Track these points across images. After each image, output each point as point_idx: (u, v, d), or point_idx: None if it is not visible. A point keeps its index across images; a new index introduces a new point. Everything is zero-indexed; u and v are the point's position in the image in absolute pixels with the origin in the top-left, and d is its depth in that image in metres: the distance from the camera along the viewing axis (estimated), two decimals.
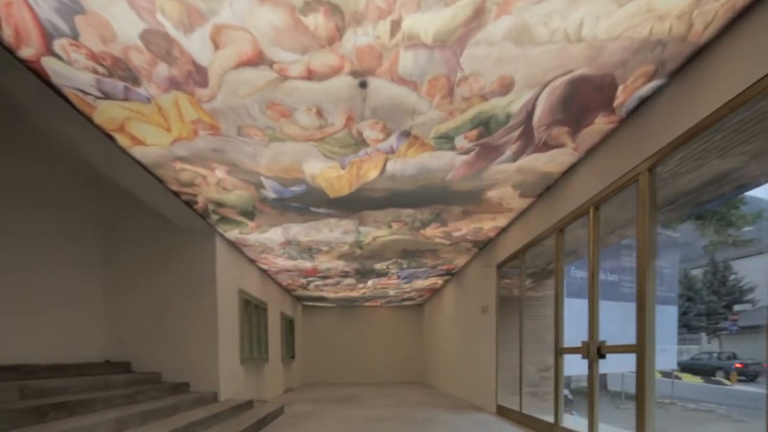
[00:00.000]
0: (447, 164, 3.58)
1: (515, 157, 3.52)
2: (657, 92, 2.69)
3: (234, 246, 6.15)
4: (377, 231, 5.50)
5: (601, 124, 3.05)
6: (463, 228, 5.44)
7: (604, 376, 11.53)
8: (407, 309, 13.87)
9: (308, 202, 4.44)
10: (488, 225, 5.35)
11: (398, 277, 8.74)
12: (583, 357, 3.60)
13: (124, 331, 5.49)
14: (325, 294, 11.03)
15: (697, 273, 27.89)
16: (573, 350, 3.87)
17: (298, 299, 12.04)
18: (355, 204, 4.49)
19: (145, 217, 5.42)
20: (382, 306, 13.72)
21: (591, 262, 3.54)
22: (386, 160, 3.51)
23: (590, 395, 3.53)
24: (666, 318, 10.38)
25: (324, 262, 7.23)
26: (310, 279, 8.79)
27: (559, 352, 4.16)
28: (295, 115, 2.83)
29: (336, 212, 4.73)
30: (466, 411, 6.47)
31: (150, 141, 3.20)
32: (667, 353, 9.83)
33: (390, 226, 5.27)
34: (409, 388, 10.83)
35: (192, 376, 5.51)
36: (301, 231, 5.43)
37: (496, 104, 2.77)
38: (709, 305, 25.30)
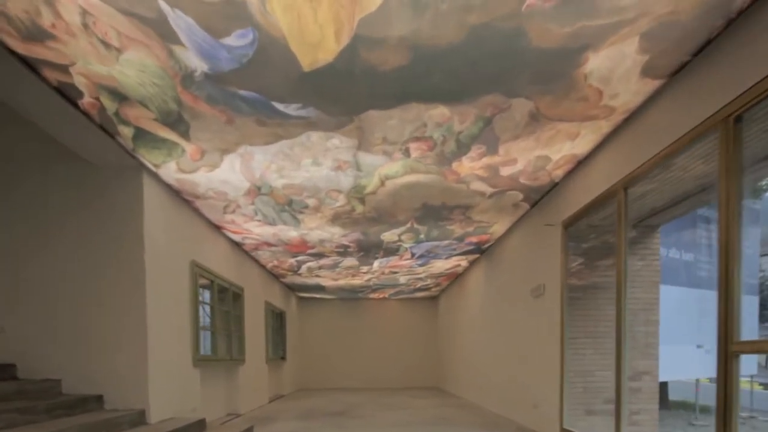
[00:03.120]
0: None
1: None
2: None
3: (180, 198, 4.28)
4: (387, 165, 3.59)
5: None
6: (521, 159, 3.51)
7: (663, 384, 9.49)
8: (420, 302, 11.93)
9: (267, 87, 2.54)
10: (561, 152, 3.42)
11: (412, 255, 6.82)
12: None
13: (6, 318, 3.65)
14: (322, 282, 9.14)
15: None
16: None
17: (291, 289, 10.17)
18: (350, 92, 2.59)
19: (36, 148, 3.58)
20: (390, 298, 11.81)
21: None
22: None
23: None
24: (744, 310, 8.38)
25: (314, 229, 5.34)
26: (299, 258, 6.90)
27: (733, 352, 2.20)
28: None
29: (319, 114, 2.83)
30: None
31: None
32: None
33: (407, 152, 3.36)
34: (424, 397, 8.90)
35: (108, 387, 3.64)
36: (271, 163, 3.53)
37: None
38: None
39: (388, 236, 5.68)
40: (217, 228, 5.31)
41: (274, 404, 7.67)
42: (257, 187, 4.02)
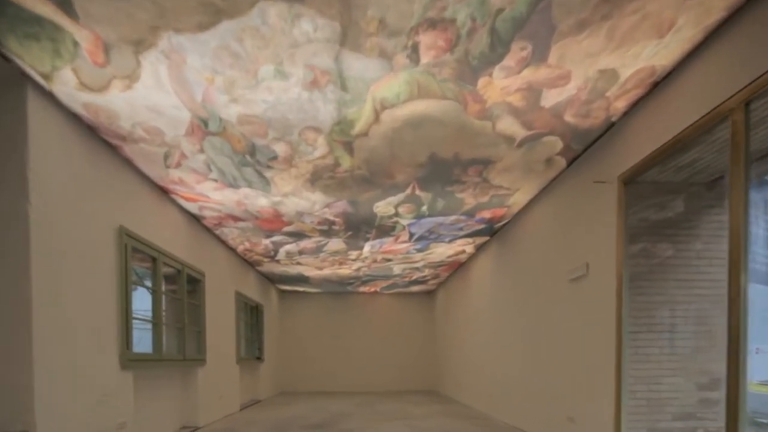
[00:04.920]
0: None
1: None
2: None
3: (100, 139, 3.12)
4: (385, 80, 2.49)
5: None
6: (576, 73, 2.45)
7: None
8: (415, 297, 10.87)
9: None
10: (637, 63, 2.36)
11: (410, 236, 5.75)
12: None
13: None
14: (305, 271, 8.01)
15: None
16: None
17: (270, 280, 9.02)
18: None
19: None
20: (381, 292, 10.71)
21: None
22: None
23: None
24: None
25: (288, 195, 4.22)
26: (275, 238, 5.77)
27: None
28: None
29: None
30: None
31: None
32: None
33: (415, 51, 2.26)
34: (422, 403, 7.82)
35: None
36: (214, 73, 2.42)
37: None
38: None
39: (383, 207, 4.59)
40: (164, 192, 4.16)
41: (245, 412, 6.52)
42: (202, 121, 2.89)
